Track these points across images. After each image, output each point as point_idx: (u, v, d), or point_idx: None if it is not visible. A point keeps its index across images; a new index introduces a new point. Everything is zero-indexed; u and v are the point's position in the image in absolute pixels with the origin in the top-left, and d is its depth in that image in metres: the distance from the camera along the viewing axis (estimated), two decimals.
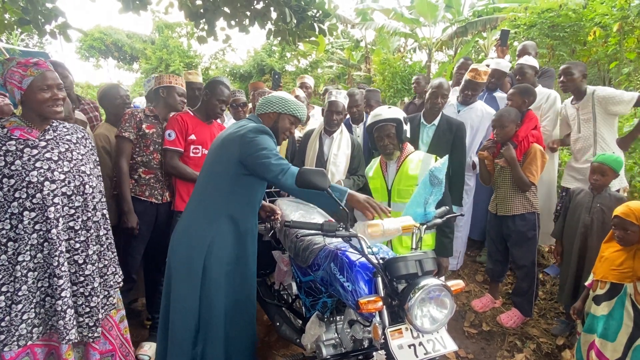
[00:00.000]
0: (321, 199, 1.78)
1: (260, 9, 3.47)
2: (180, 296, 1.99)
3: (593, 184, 2.61)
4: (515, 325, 2.94)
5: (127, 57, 16.48)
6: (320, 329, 2.01)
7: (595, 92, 3.06)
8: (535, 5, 6.14)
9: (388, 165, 2.53)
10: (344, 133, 3.20)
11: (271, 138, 2.00)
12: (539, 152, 2.81)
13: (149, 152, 2.67)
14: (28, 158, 1.66)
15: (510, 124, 2.84)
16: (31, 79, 1.66)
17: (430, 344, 1.50)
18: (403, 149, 2.48)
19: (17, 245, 1.64)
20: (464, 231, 3.62)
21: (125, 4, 3.37)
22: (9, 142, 1.64)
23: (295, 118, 2.13)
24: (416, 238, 1.77)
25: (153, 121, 2.72)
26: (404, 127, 2.40)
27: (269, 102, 2.11)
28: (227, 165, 1.97)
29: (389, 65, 9.43)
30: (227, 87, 2.77)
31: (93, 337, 1.84)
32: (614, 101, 2.99)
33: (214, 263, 1.97)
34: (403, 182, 2.42)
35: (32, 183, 1.64)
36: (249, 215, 2.08)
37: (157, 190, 2.71)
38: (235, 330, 2.06)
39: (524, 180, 2.78)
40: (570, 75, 3.12)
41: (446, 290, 1.52)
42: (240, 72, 13.34)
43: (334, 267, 1.82)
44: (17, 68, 1.65)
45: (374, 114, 2.48)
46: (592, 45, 5.78)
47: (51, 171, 1.70)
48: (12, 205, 1.62)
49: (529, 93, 3.03)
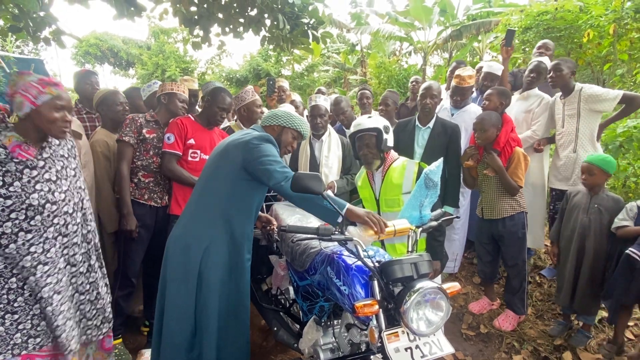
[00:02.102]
0: (321, 210, 1.79)
1: (254, 15, 3.49)
2: (176, 300, 1.99)
3: (583, 183, 2.66)
4: (513, 327, 2.94)
5: (123, 62, 16.49)
6: (317, 333, 2.01)
7: (583, 89, 3.13)
8: (530, 9, 6.19)
9: (374, 174, 2.50)
10: (332, 135, 3.23)
11: (275, 147, 2.02)
12: (522, 156, 2.82)
13: (148, 156, 2.70)
14: (28, 180, 1.65)
15: (491, 127, 2.83)
16: (48, 97, 1.66)
17: (427, 347, 1.50)
18: (385, 158, 2.44)
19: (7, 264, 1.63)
20: (462, 233, 3.63)
21: (119, 10, 3.38)
22: (9, 163, 1.62)
23: (299, 133, 2.18)
24: (412, 241, 1.77)
25: (154, 126, 2.76)
26: (384, 136, 2.35)
27: (275, 115, 2.15)
28: (229, 171, 1.98)
29: (384, 68, 9.48)
30: (229, 96, 2.80)
31: (101, 334, 1.92)
32: (599, 99, 3.05)
33: (209, 268, 1.97)
34: (389, 192, 2.39)
35: (32, 206, 1.64)
36: (246, 222, 2.08)
37: (156, 194, 2.74)
38: (228, 337, 2.05)
39: (512, 185, 2.79)
40: (560, 71, 3.17)
41: (442, 293, 1.52)
42: (237, 77, 13.36)
43: (331, 271, 1.82)
44: (37, 83, 1.66)
45: (355, 123, 2.47)
46: (586, 47, 5.83)
47: (51, 192, 1.71)
48: (5, 225, 1.59)
49: (506, 95, 3.05)
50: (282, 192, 1.89)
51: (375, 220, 1.73)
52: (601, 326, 2.87)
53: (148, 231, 2.72)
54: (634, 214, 2.44)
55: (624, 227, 2.45)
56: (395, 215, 2.34)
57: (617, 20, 4.96)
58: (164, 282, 2.04)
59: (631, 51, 5.22)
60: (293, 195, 1.83)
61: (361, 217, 1.75)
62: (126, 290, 2.69)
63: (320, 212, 1.81)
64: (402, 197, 2.35)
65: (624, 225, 2.45)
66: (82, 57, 15.63)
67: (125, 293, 2.69)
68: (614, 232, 2.50)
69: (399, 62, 11.58)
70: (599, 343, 2.70)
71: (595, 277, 2.59)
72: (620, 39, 5.18)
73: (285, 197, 1.94)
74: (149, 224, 2.72)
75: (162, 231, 2.73)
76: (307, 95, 10.79)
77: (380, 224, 1.72)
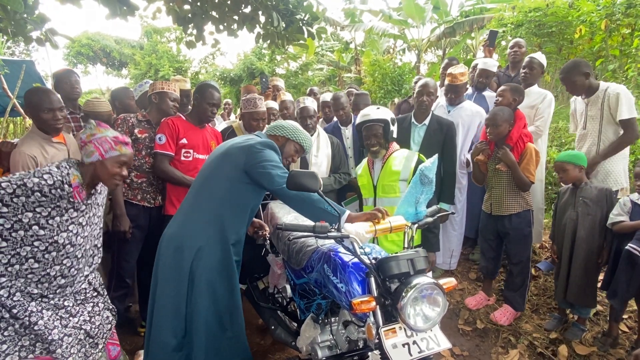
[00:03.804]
0: (321, 214, 1.80)
1: (249, 12, 3.48)
2: (166, 300, 1.98)
3: (561, 181, 2.76)
4: (509, 322, 2.96)
5: (115, 62, 16.38)
6: (315, 331, 2.01)
7: (608, 89, 2.89)
8: (522, 4, 6.23)
9: (374, 162, 2.60)
10: (321, 135, 3.24)
11: (278, 154, 2.06)
12: (534, 151, 2.84)
13: (141, 156, 2.68)
14: (67, 219, 1.67)
15: (503, 123, 2.85)
16: (116, 154, 1.75)
17: (424, 342, 1.51)
18: (389, 148, 2.55)
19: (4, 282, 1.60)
20: (460, 230, 3.63)
21: (112, 9, 3.35)
22: (64, 200, 1.64)
23: (301, 147, 2.22)
24: (408, 237, 1.78)
25: (145, 126, 2.74)
26: (390, 127, 2.47)
27: (281, 126, 2.20)
28: (229, 172, 1.98)
29: (378, 66, 9.48)
30: (217, 90, 2.77)
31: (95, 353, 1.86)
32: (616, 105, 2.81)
33: (201, 269, 1.96)
34: (387, 178, 2.48)
35: (57, 243, 1.64)
36: (239, 225, 2.08)
37: (149, 194, 2.73)
38: (223, 339, 2.04)
39: (525, 180, 2.81)
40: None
41: (438, 289, 1.53)
42: (231, 75, 13.32)
43: (327, 269, 1.82)
44: (111, 139, 1.77)
45: (363, 113, 2.56)
46: (578, 43, 5.88)
47: (76, 235, 1.72)
48: (23, 248, 1.59)
49: (519, 92, 3.04)
50: (282, 196, 1.93)
51: (374, 213, 1.79)
52: (596, 319, 2.90)
53: (142, 231, 2.70)
54: (629, 209, 2.46)
55: (620, 223, 2.47)
56: (390, 201, 2.41)
57: (608, 15, 5.00)
58: (155, 282, 2.04)
59: (622, 47, 5.26)
60: (292, 199, 1.88)
61: (360, 217, 1.81)
62: (121, 291, 2.68)
63: (319, 216, 1.81)
64: (399, 184, 2.43)
65: (619, 220, 2.47)
66: (74, 58, 15.51)
67: (120, 294, 2.68)
68: (609, 227, 2.52)
69: (393, 59, 11.58)
70: (594, 336, 2.73)
71: (588, 268, 2.61)
72: (611, 34, 5.22)
73: (286, 201, 1.96)
74: (143, 225, 2.70)
75: (156, 231, 2.71)
76: (302, 94, 10.78)
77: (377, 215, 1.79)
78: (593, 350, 2.60)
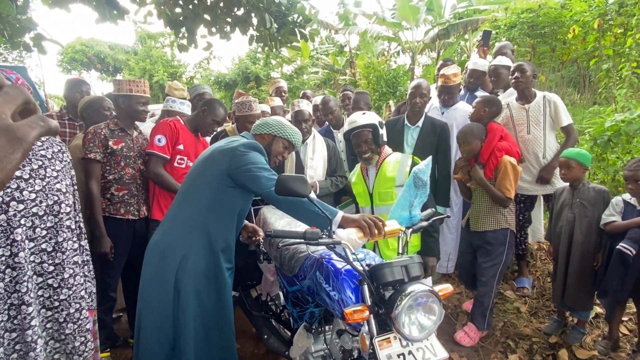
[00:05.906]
0: (311, 217, 1.73)
1: (241, 15, 3.44)
2: (151, 309, 1.92)
3: (563, 179, 2.70)
4: (474, 342, 2.78)
5: (110, 68, 16.33)
6: (308, 340, 1.95)
7: (546, 96, 3.08)
8: (515, 5, 6.24)
9: (368, 169, 2.52)
10: (316, 138, 3.19)
11: (263, 156, 1.97)
12: (509, 165, 2.68)
13: (120, 168, 2.53)
14: None
15: (474, 139, 2.75)
16: None
17: (420, 353, 1.45)
18: (381, 152, 2.46)
19: None
20: (456, 233, 3.58)
21: (102, 13, 3.31)
22: None
23: (290, 143, 2.11)
24: (402, 242, 1.73)
25: (120, 134, 2.56)
26: (380, 131, 2.39)
27: (265, 124, 2.10)
28: (213, 177, 1.92)
29: (373, 69, 9.49)
30: (225, 110, 2.74)
31: None
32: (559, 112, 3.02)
33: (186, 277, 1.89)
34: (382, 185, 2.41)
35: None
36: (227, 230, 2.00)
37: (132, 206, 2.59)
38: (211, 350, 1.98)
39: (500, 197, 2.69)
40: (524, 72, 3.08)
41: (434, 296, 1.47)
42: (225, 80, 13.30)
43: (320, 276, 1.76)
44: None
45: (350, 120, 2.47)
46: (571, 43, 5.88)
47: (20, 190, 1.59)
48: None
49: (492, 103, 2.93)
50: (270, 199, 1.85)
51: (369, 222, 1.68)
52: (596, 322, 2.85)
53: (125, 246, 2.58)
54: (621, 208, 2.45)
55: (612, 223, 2.44)
56: (388, 208, 2.33)
57: (601, 15, 5.00)
58: (141, 291, 1.97)
59: (615, 46, 5.27)
60: (282, 202, 1.79)
61: (356, 221, 1.72)
62: (107, 304, 2.59)
63: (311, 219, 1.74)
64: (395, 190, 2.35)
65: (612, 220, 2.44)
66: (68, 64, 15.46)
67: (106, 307, 2.59)
68: (602, 228, 2.50)
69: (388, 62, 11.60)
70: (594, 339, 2.68)
71: (584, 271, 2.58)
72: (604, 34, 5.23)
73: (274, 204, 1.89)
74: (126, 239, 2.58)
75: (142, 241, 2.60)
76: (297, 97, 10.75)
77: (372, 228, 1.68)
78: (594, 354, 2.55)
